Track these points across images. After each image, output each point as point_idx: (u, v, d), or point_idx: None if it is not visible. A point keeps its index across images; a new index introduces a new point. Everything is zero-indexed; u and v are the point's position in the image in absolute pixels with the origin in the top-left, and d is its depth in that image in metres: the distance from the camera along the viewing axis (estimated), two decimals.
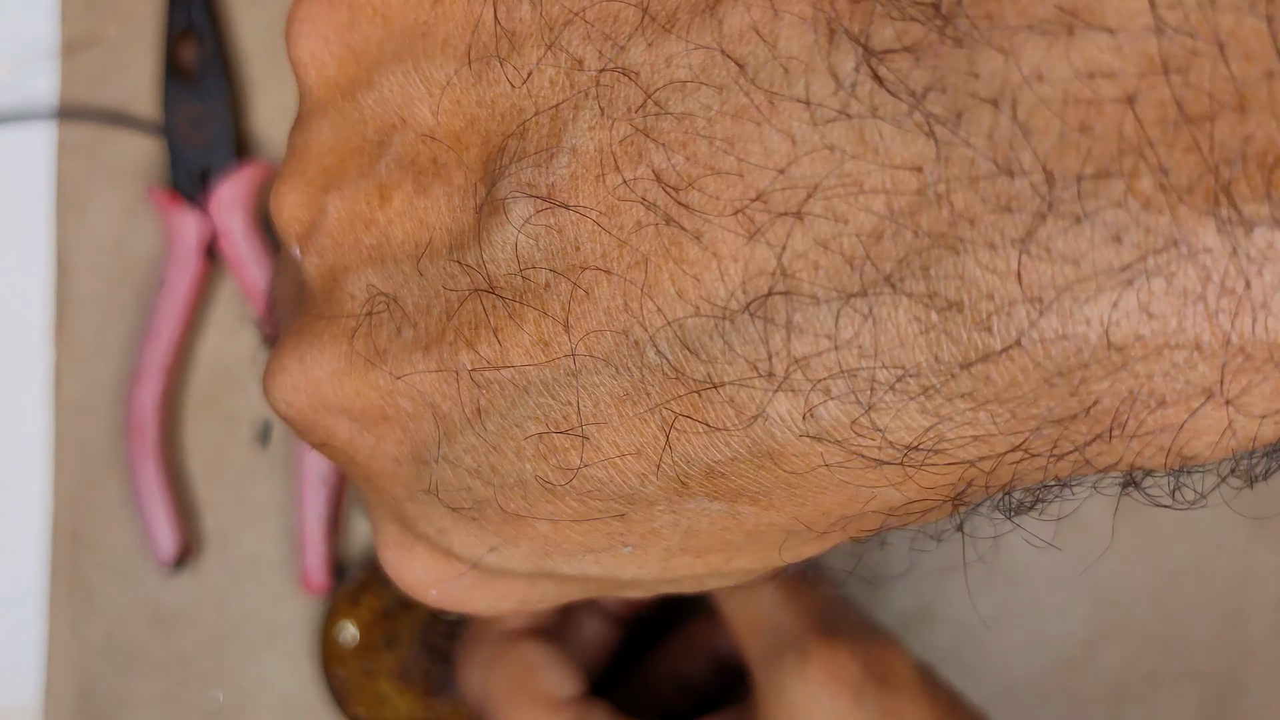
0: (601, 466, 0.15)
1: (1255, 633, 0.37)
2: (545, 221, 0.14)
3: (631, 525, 0.16)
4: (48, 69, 0.37)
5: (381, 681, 0.36)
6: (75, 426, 0.37)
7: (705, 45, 0.13)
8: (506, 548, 0.17)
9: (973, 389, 0.12)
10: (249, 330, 0.38)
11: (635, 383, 0.14)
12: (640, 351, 0.14)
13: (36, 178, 0.37)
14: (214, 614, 0.37)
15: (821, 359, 0.12)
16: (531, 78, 0.14)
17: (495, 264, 0.14)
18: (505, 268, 0.14)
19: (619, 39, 0.13)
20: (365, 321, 0.16)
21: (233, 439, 0.37)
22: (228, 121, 0.36)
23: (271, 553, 0.37)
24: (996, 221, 0.11)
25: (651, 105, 0.13)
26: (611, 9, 0.13)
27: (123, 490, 0.37)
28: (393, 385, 0.16)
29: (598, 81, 0.13)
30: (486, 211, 0.14)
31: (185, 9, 0.36)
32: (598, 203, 0.13)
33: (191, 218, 0.36)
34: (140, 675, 0.37)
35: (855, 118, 0.12)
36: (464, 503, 0.16)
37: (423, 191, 0.15)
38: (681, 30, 0.13)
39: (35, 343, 0.38)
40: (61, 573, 0.37)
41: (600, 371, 0.14)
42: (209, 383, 0.37)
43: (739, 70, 0.12)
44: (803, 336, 0.12)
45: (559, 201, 0.14)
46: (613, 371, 0.14)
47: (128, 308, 0.37)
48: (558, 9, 0.14)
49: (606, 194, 0.13)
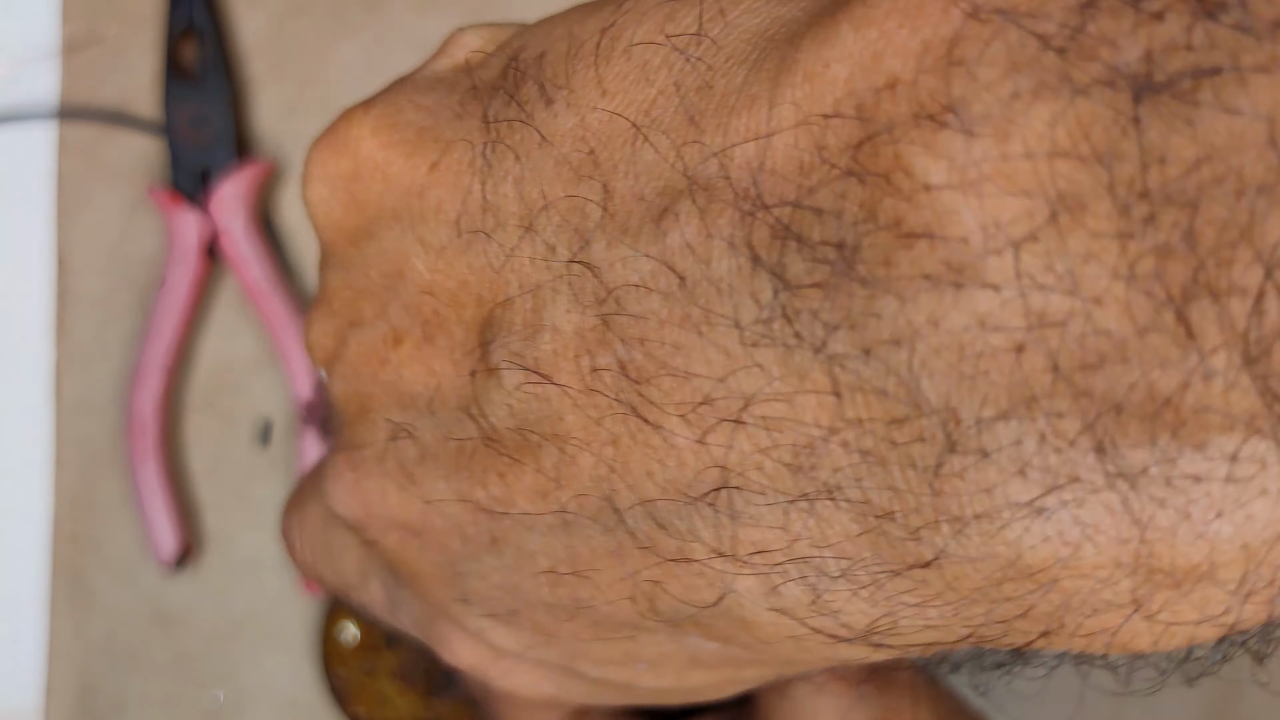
0: (605, 605, 0.16)
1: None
2: (534, 391, 0.15)
3: (641, 648, 0.17)
4: (48, 68, 0.37)
5: (382, 681, 0.37)
6: (76, 426, 0.37)
7: (651, 255, 0.13)
8: (539, 649, 0.18)
9: (913, 588, 0.13)
10: (249, 330, 0.38)
11: (620, 542, 0.15)
12: (621, 519, 0.15)
13: (37, 177, 0.38)
14: (214, 614, 0.37)
15: (776, 546, 0.13)
16: (514, 255, 0.15)
17: (498, 417, 0.15)
18: (505, 423, 0.15)
19: (584, 233, 0.14)
20: (392, 447, 0.17)
21: (233, 438, 0.38)
22: (228, 121, 0.36)
23: (272, 552, 0.37)
24: (912, 449, 0.12)
25: (612, 301, 0.14)
26: (578, 203, 0.14)
27: (123, 490, 0.37)
28: (425, 505, 0.17)
29: (569, 270, 0.14)
30: (481, 374, 0.15)
31: (186, 8, 0.36)
32: (577, 381, 0.14)
33: (192, 217, 0.36)
34: (141, 675, 0.37)
35: (778, 343, 0.12)
36: (497, 609, 0.17)
37: (429, 341, 0.16)
38: (633, 236, 0.14)
39: (35, 342, 0.38)
40: (62, 573, 0.37)
41: (589, 527, 0.15)
42: (209, 382, 0.38)
43: (680, 282, 0.13)
44: (755, 528, 0.13)
45: (544, 376, 0.14)
46: (600, 529, 0.15)
47: (128, 307, 0.37)
48: (535, 193, 0.15)
49: (583, 375, 0.14)
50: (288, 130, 0.37)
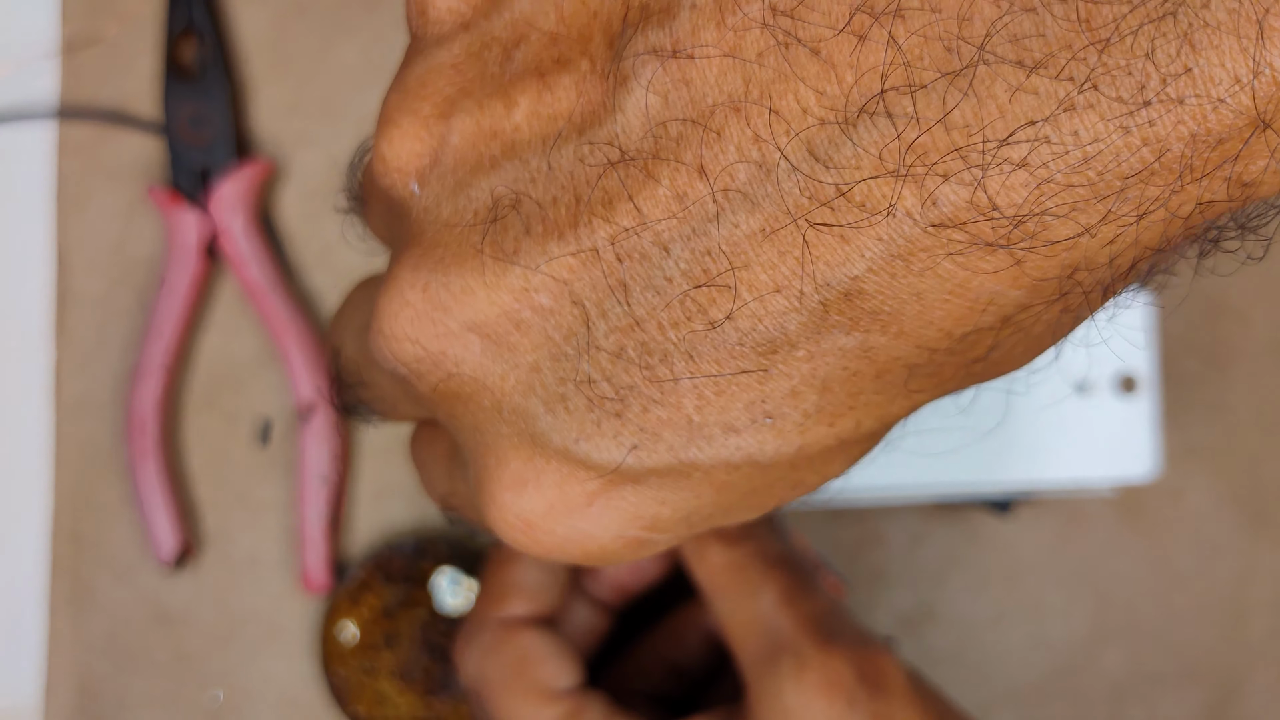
0: (746, 313, 0.16)
1: (1256, 633, 0.37)
2: (672, 76, 0.15)
3: (772, 386, 0.16)
4: (48, 68, 0.38)
5: (382, 680, 0.37)
6: (75, 426, 0.37)
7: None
8: (647, 444, 0.17)
9: (1061, 140, 0.14)
10: (249, 330, 0.38)
11: (771, 212, 0.15)
12: (773, 177, 0.15)
13: (37, 177, 0.38)
14: (214, 613, 0.37)
15: (934, 143, 0.14)
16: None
17: (627, 132, 0.15)
18: (637, 133, 0.15)
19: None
20: (492, 228, 0.17)
21: (233, 438, 0.38)
22: (228, 120, 0.36)
23: (272, 552, 0.38)
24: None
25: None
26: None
27: (123, 489, 0.37)
28: (527, 282, 0.16)
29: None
30: (614, 84, 0.16)
31: (185, 8, 0.36)
32: (720, 44, 0.15)
33: (192, 217, 0.36)
34: (141, 674, 0.37)
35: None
36: (607, 393, 0.17)
37: (549, 88, 0.16)
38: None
39: (36, 342, 0.38)
40: (62, 572, 0.37)
41: (737, 210, 0.15)
42: (209, 382, 0.38)
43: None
44: (915, 124, 0.14)
45: (684, 54, 0.15)
46: (749, 206, 0.15)
47: (128, 307, 0.37)
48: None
49: (727, 34, 0.15)
50: (287, 130, 0.37)
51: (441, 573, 0.36)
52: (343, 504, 0.37)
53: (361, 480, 0.38)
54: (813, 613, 0.26)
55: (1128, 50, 0.13)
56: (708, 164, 0.15)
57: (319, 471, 0.36)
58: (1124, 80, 0.13)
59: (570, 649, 0.28)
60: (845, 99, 0.14)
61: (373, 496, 0.38)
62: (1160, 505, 0.37)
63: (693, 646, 0.31)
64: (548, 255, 0.16)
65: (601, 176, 0.16)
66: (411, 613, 0.37)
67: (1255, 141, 0.13)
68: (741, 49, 0.15)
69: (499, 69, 0.17)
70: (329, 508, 0.36)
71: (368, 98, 0.37)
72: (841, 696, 0.25)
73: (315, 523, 0.36)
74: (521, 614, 0.29)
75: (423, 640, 0.37)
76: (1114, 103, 0.13)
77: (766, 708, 0.26)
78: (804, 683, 0.25)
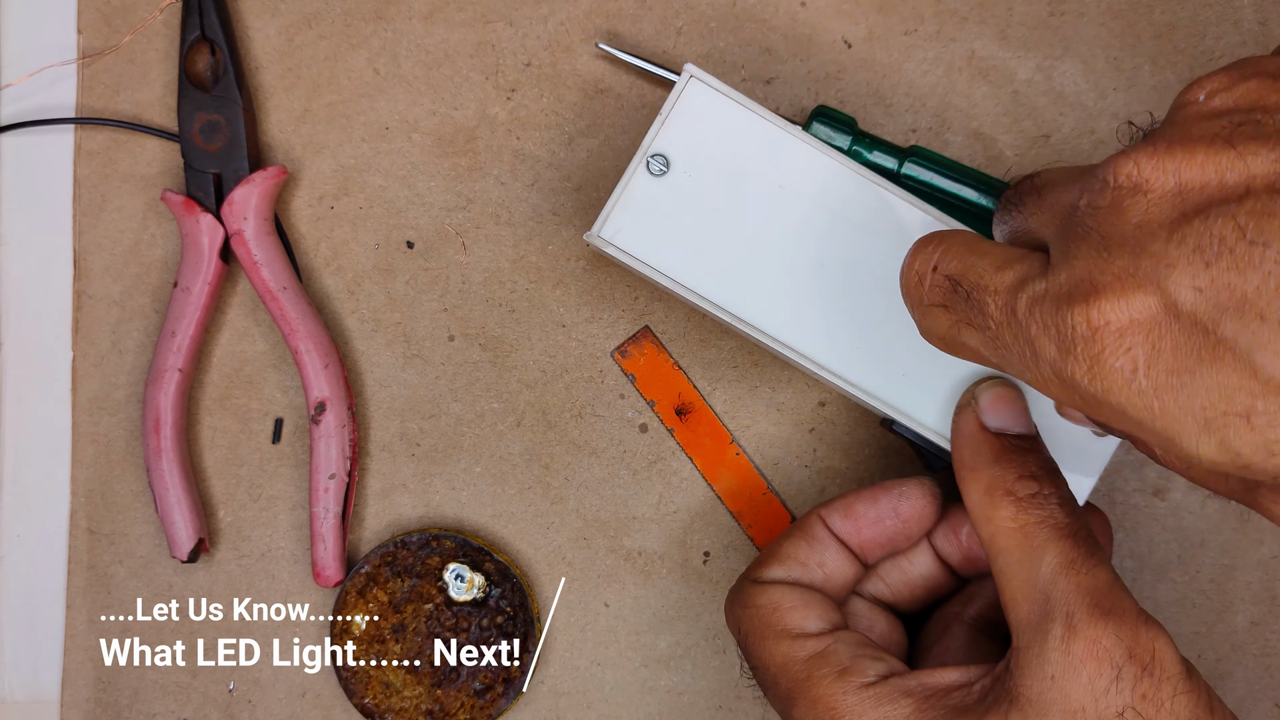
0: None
1: (1241, 625, 0.38)
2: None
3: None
4: (66, 76, 0.38)
5: (389, 671, 0.37)
6: (93, 424, 0.38)
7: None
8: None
9: None
10: (261, 331, 0.38)
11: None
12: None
13: (55, 182, 0.38)
14: (227, 606, 0.38)
15: None
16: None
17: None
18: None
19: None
20: (1236, 129, 0.21)
21: (247, 435, 0.38)
22: (240, 127, 0.37)
23: (283, 546, 0.38)
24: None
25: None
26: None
27: (139, 486, 0.38)
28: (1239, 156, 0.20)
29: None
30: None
31: (199, 19, 0.37)
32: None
33: (205, 221, 0.36)
34: (155, 665, 0.38)
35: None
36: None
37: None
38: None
39: (54, 343, 0.38)
40: (79, 565, 0.38)
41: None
42: (222, 381, 0.38)
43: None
44: None
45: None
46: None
47: (144, 309, 0.38)
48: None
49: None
50: (298, 137, 0.38)
51: (448, 569, 0.37)
52: (352, 500, 0.37)
53: (370, 477, 0.38)
54: (1092, 585, 0.26)
55: None
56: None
57: (329, 469, 0.37)
58: None
59: (823, 601, 0.30)
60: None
61: (381, 493, 0.38)
62: (1142, 497, 0.38)
63: (957, 645, 0.32)
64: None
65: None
66: (419, 605, 0.37)
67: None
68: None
69: None
70: (339, 503, 0.37)
71: (376, 106, 0.38)
72: (1108, 669, 0.25)
73: (325, 518, 0.37)
74: (776, 577, 0.31)
75: (429, 631, 0.37)
76: None
77: (1031, 671, 0.26)
78: (1071, 650, 0.25)
